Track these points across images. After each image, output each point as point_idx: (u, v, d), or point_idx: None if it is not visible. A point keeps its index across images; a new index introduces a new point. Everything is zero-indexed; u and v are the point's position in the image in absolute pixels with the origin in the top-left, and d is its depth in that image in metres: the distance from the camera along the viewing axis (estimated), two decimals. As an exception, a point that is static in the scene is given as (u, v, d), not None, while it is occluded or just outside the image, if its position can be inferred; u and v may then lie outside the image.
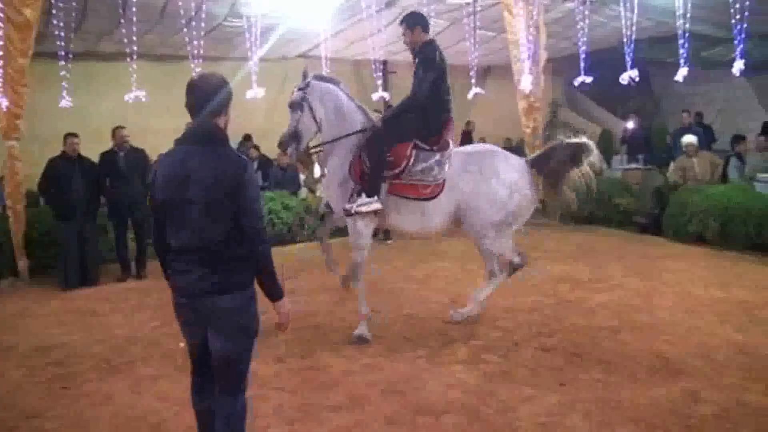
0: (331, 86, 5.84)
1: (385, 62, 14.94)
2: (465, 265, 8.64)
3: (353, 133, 5.75)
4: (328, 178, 6.02)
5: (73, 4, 9.17)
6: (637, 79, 10.31)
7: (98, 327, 6.59)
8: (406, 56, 6.08)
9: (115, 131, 8.99)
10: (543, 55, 11.42)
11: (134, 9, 9.24)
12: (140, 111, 10.27)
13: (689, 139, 10.88)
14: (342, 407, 4.40)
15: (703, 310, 6.29)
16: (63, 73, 9.23)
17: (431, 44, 5.78)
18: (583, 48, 11.28)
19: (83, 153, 8.66)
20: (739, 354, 5.13)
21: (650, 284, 7.31)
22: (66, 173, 8.36)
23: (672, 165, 11.27)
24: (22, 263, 8.85)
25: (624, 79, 10.29)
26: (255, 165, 12.45)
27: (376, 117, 5.96)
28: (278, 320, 3.18)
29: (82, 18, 10.18)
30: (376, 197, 5.63)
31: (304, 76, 5.84)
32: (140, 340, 6.10)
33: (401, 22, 5.91)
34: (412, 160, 5.64)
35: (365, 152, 5.68)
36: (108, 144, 9.04)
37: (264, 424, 4.18)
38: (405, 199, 5.71)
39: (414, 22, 5.82)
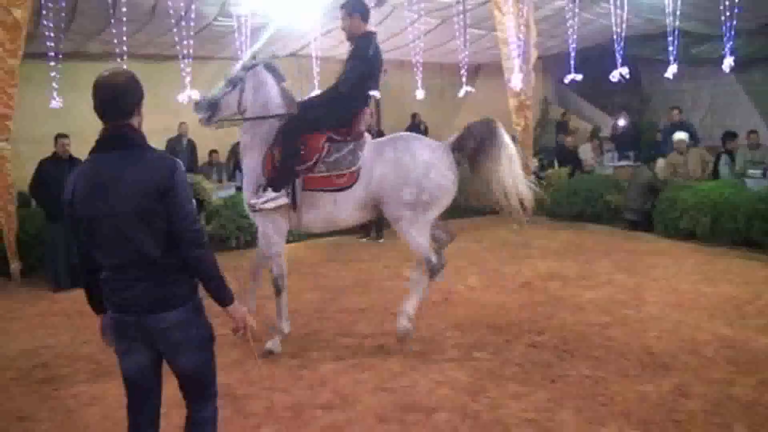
0: (269, 80, 5.58)
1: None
2: (453, 261, 8.62)
3: (271, 117, 5.47)
4: (244, 176, 5.78)
5: (63, 4, 9.13)
6: (628, 76, 10.35)
7: (86, 328, 6.55)
8: (398, 55, 6.05)
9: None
10: (533, 53, 11.46)
11: (124, 9, 9.21)
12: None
13: (680, 135, 10.94)
14: (332, 405, 4.41)
15: (692, 306, 6.33)
16: (53, 73, 9.19)
17: (368, 37, 5.51)
18: (573, 46, 11.32)
19: (73, 153, 8.63)
20: (728, 348, 5.17)
21: (639, 280, 7.35)
22: (57, 174, 8.30)
23: (660, 161, 11.33)
24: (14, 265, 8.82)
25: (614, 76, 10.33)
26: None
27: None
28: (233, 325, 2.95)
29: (71, 18, 10.14)
30: (283, 191, 5.36)
31: (254, 57, 5.80)
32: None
33: (341, 7, 5.62)
34: (325, 151, 5.43)
35: (277, 145, 5.45)
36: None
37: (255, 423, 4.19)
38: (320, 192, 5.45)
39: (353, 9, 5.54)
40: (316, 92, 11.78)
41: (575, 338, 5.53)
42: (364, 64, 5.41)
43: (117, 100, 2.73)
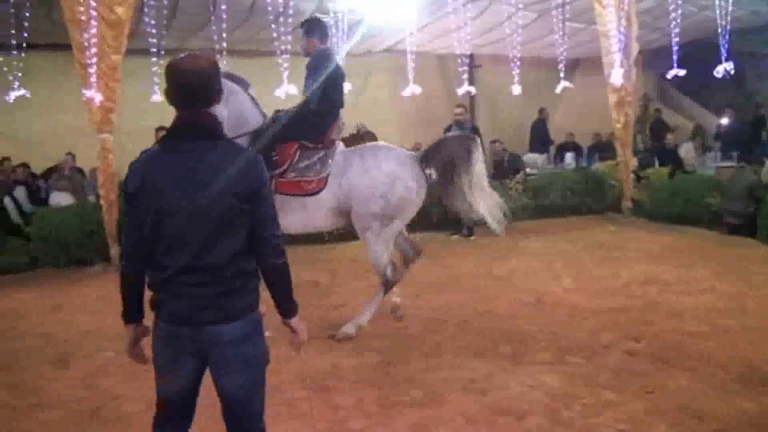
0: (237, 88, 5.77)
1: (471, 56, 14.87)
2: (546, 262, 8.50)
3: (245, 134, 5.65)
4: None
5: (164, 2, 9.48)
6: (732, 71, 9.89)
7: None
8: (492, 49, 6.05)
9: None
10: (634, 47, 11.07)
11: (223, 6, 9.49)
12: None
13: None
14: (420, 403, 4.41)
15: (801, 318, 5.98)
16: (154, 68, 9.55)
17: (322, 53, 5.88)
18: (676, 39, 10.89)
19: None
20: (840, 366, 4.86)
21: (741, 288, 6.97)
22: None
23: (768, 163, 10.76)
24: (114, 250, 9.23)
25: (719, 71, 9.88)
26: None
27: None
28: (293, 339, 2.78)
29: (172, 16, 10.53)
30: None
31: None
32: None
33: (300, 26, 6.08)
34: (296, 158, 5.69)
35: None
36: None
37: (343, 416, 4.25)
38: (289, 196, 5.67)
39: (308, 31, 5.96)
40: (411, 87, 11.83)
41: (672, 347, 5.32)
42: (318, 79, 5.71)
43: (203, 86, 2.51)
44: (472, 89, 13.18)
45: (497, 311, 6.46)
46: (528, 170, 13.16)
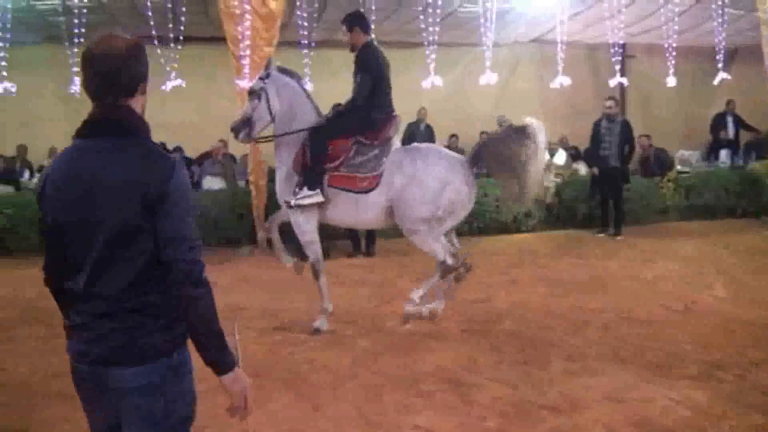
0: (290, 80, 5.91)
1: (623, 45, 14.26)
2: (697, 267, 8.03)
3: (302, 130, 5.77)
4: (276, 172, 6.04)
5: (316, -6, 9.77)
6: None
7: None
8: (648, 38, 5.72)
9: None
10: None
11: (374, -2, 9.65)
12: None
13: None
14: (559, 409, 4.27)
15: None
16: (305, 60, 9.84)
17: (369, 47, 5.84)
18: None
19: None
20: None
21: None
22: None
23: None
24: (261, 234, 9.60)
25: None
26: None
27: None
28: (231, 402, 2.14)
29: (323, 8, 10.78)
30: (318, 190, 5.64)
31: (267, 66, 5.94)
32: (359, 314, 6.40)
33: (342, 22, 5.99)
34: (351, 152, 5.71)
35: (308, 145, 5.74)
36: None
37: (480, 414, 4.19)
38: (342, 191, 5.72)
39: (352, 23, 5.88)
40: (560, 79, 11.52)
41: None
42: (370, 73, 5.70)
43: (117, 73, 2.05)
44: (625, 80, 12.64)
45: (642, 317, 6.15)
46: (679, 167, 12.50)
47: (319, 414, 4.23)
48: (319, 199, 5.68)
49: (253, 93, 5.91)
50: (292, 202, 5.74)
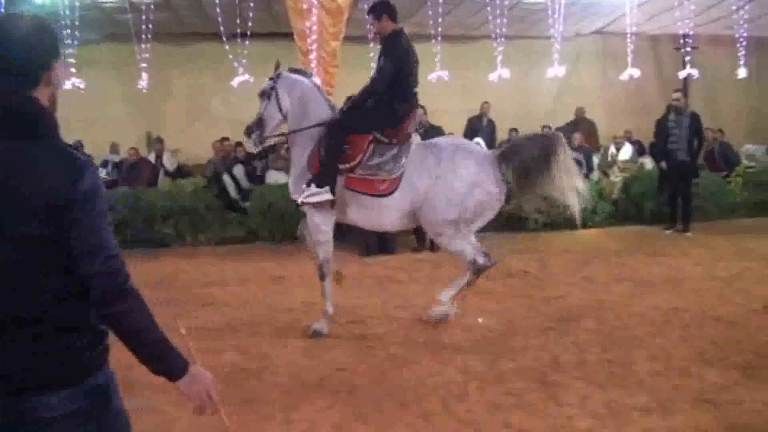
0: (300, 78, 5.83)
1: (689, 36, 13.94)
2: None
3: (314, 126, 5.62)
4: (291, 170, 5.93)
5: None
6: None
7: (397, 294, 6.99)
8: (714, 28, 5.56)
9: None
10: None
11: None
12: (440, 91, 10.73)
13: None
14: (649, 409, 4.19)
15: None
16: (371, 54, 9.88)
17: (397, 35, 5.59)
18: None
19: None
20: None
21: None
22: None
23: None
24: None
25: None
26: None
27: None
28: (193, 403, 1.96)
29: (388, 2, 10.80)
30: (327, 188, 5.44)
31: (277, 66, 5.84)
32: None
33: (368, 12, 5.84)
34: (368, 153, 5.50)
35: (323, 142, 5.57)
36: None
37: (569, 413, 4.13)
38: (360, 194, 5.55)
39: (381, 10, 5.65)
40: (629, 71, 11.32)
41: None
42: (394, 61, 5.45)
43: (16, 57, 1.78)
44: (695, 72, 12.35)
45: (724, 317, 5.99)
46: (745, 162, 12.19)
47: (407, 411, 4.22)
48: (328, 197, 5.49)
49: (263, 94, 5.86)
50: (300, 200, 5.63)
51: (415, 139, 5.77)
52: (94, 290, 1.78)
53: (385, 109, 5.59)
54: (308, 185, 5.55)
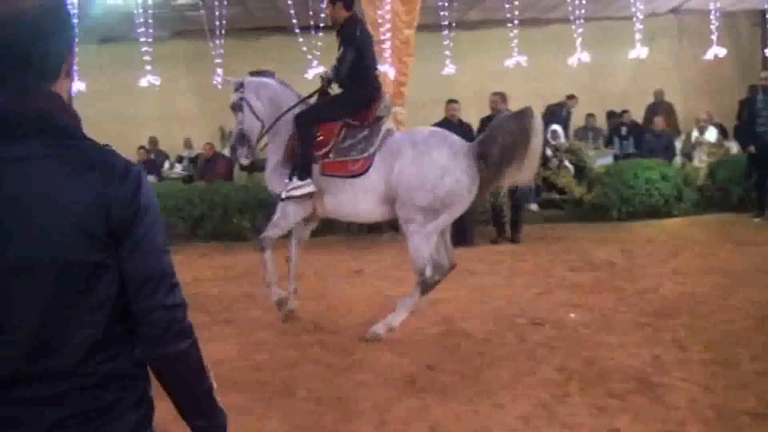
0: (264, 79, 5.93)
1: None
2: None
3: (283, 114, 5.66)
4: (267, 164, 5.87)
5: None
6: None
7: (479, 288, 6.87)
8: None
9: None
10: None
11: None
12: (513, 77, 10.52)
13: None
14: (762, 415, 3.96)
15: None
16: (446, 42, 9.76)
17: (351, 21, 5.69)
18: None
19: (462, 118, 9.09)
20: None
21: None
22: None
23: None
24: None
25: None
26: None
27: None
28: None
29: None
30: (309, 180, 5.47)
31: (237, 80, 5.85)
32: (521, 305, 6.24)
33: None
34: (340, 137, 5.54)
35: (295, 133, 5.61)
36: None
37: (679, 418, 3.93)
38: (336, 178, 5.52)
39: None
40: (714, 50, 10.92)
41: None
42: (353, 48, 5.53)
43: (27, 44, 1.35)
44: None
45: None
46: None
47: (504, 412, 4.10)
48: (311, 189, 5.52)
49: (234, 107, 5.86)
50: (283, 195, 5.62)
51: (387, 123, 5.78)
52: (149, 326, 1.43)
53: (351, 96, 5.72)
54: (290, 178, 5.60)
